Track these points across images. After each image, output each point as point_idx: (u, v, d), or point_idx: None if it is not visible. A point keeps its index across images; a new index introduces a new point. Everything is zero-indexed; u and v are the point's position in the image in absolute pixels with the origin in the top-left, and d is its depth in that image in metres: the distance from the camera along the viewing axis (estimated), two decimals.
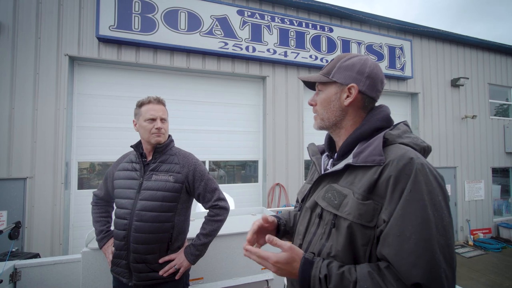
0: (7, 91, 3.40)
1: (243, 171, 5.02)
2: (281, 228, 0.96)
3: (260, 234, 0.89)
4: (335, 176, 0.77)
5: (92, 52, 3.79)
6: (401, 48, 5.80)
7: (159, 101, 1.42)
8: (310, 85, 0.90)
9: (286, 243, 0.73)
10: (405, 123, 0.80)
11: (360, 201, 0.67)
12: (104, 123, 3.98)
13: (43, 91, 3.53)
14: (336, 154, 0.83)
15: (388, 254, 0.61)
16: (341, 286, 0.62)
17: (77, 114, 3.87)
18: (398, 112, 6.20)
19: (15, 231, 1.87)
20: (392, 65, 5.70)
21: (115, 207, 1.44)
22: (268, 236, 0.70)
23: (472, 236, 6.38)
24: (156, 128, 1.37)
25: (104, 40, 3.80)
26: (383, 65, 5.61)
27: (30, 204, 3.45)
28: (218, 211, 1.41)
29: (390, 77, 5.78)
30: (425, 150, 0.74)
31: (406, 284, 0.57)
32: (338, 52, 5.21)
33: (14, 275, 1.78)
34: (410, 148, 0.69)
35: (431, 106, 6.24)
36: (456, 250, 5.82)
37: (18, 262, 1.83)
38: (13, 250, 2.67)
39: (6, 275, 1.71)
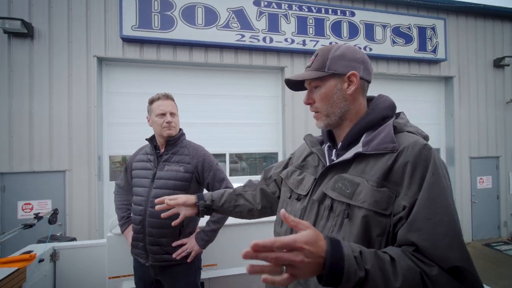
0: (46, 93, 3.76)
1: (265, 163, 5.05)
2: (200, 209, 1.06)
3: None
4: (343, 166, 0.75)
5: (117, 52, 4.02)
6: (433, 28, 5.32)
7: (168, 97, 1.51)
8: (295, 86, 0.89)
9: (304, 221, 0.55)
10: (403, 113, 0.82)
11: (375, 188, 0.65)
12: (131, 119, 4.22)
13: (76, 91, 3.84)
14: (341, 144, 0.81)
15: (419, 239, 0.57)
16: (379, 266, 0.52)
17: (107, 111, 4.16)
18: (430, 98, 5.74)
19: (53, 217, 2.09)
20: (422, 47, 5.26)
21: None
22: (282, 212, 0.53)
23: None
24: (167, 122, 1.46)
25: (128, 40, 4.01)
26: (412, 48, 5.21)
27: (69, 194, 3.82)
28: None
29: (420, 61, 5.35)
30: (425, 139, 0.74)
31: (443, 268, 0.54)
32: (361, 37, 4.93)
33: (54, 255, 2.01)
34: (418, 136, 0.71)
35: (468, 90, 5.69)
36: (499, 248, 5.34)
37: (56, 244, 2.06)
38: (57, 234, 3.00)
39: (47, 255, 1.94)
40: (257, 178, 4.08)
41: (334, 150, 0.83)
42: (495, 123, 5.83)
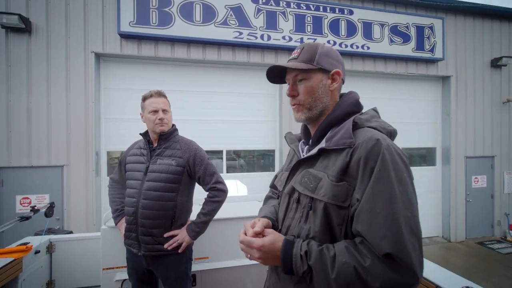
0: (44, 88, 3.78)
1: (262, 161, 5.09)
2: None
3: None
4: (310, 161, 0.80)
5: (115, 48, 4.03)
6: (431, 28, 5.33)
7: (160, 94, 1.55)
8: (275, 77, 0.90)
9: (268, 229, 0.78)
10: (374, 109, 0.85)
11: (334, 183, 0.70)
12: (128, 115, 4.24)
13: (74, 86, 3.86)
14: (311, 140, 0.86)
15: (361, 229, 0.65)
16: (321, 262, 0.65)
17: (104, 107, 4.18)
18: (427, 97, 5.77)
19: (50, 210, 2.12)
20: (420, 46, 5.28)
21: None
22: (247, 224, 0.75)
23: (511, 231, 5.86)
24: (159, 119, 1.51)
25: (125, 36, 4.03)
26: (410, 47, 5.22)
27: (67, 189, 3.86)
28: (216, 193, 1.51)
29: (417, 60, 5.37)
30: (391, 133, 0.78)
31: (378, 256, 0.62)
32: (359, 36, 4.94)
33: (50, 247, 2.05)
34: (377, 131, 0.73)
35: (465, 90, 5.71)
36: (492, 246, 5.40)
37: (52, 237, 2.10)
38: (56, 228, 3.04)
39: (43, 247, 1.98)
40: (253, 174, 4.08)
41: (307, 146, 0.88)
42: (491, 123, 5.86)
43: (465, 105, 5.71)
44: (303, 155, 0.86)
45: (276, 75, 0.89)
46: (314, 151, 0.78)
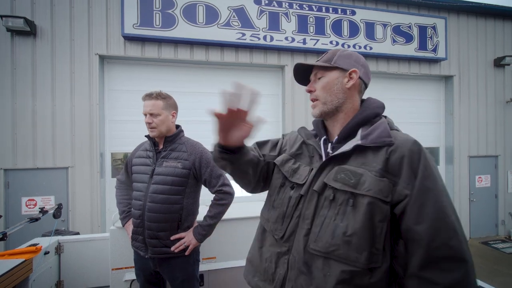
0: (49, 90, 3.82)
1: None
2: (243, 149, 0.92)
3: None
4: (342, 158, 0.80)
5: (119, 50, 4.06)
6: (434, 27, 5.32)
7: (150, 96, 1.52)
8: (301, 77, 0.97)
9: None
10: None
11: (378, 177, 0.73)
12: (132, 116, 4.26)
13: (78, 88, 3.90)
14: (337, 138, 0.86)
15: (425, 229, 0.68)
16: None
17: (109, 108, 4.21)
18: (430, 97, 5.76)
19: (58, 212, 2.16)
20: (422, 46, 5.27)
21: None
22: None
23: None
24: (146, 123, 1.51)
25: (129, 38, 4.05)
26: (412, 47, 5.22)
27: (72, 191, 3.89)
28: (222, 196, 1.52)
29: (420, 60, 5.36)
30: None
31: (438, 260, 0.68)
32: (361, 36, 4.95)
33: (59, 248, 2.08)
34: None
35: (468, 90, 5.69)
36: (496, 245, 5.38)
37: (61, 238, 2.12)
38: (63, 229, 3.08)
39: (52, 248, 2.00)
40: None
41: (330, 144, 0.88)
42: (494, 123, 5.84)
43: (468, 104, 5.69)
44: (330, 152, 0.85)
45: (301, 77, 0.96)
46: (348, 147, 0.78)
